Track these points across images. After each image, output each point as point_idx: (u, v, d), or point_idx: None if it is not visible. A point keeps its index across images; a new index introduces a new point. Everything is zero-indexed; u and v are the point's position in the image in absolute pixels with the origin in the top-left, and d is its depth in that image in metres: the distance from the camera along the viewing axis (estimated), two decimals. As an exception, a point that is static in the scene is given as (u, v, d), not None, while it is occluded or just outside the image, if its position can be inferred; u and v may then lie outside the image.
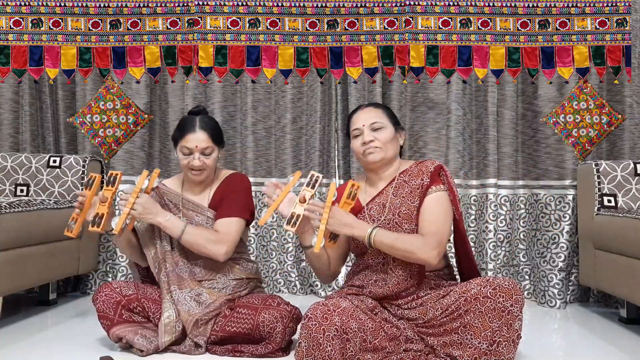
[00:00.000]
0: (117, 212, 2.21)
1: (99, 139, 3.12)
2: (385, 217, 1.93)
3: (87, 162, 2.89)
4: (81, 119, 3.12)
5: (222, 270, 2.12)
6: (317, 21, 3.12)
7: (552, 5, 3.05)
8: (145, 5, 3.13)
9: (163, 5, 3.13)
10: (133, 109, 3.12)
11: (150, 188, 2.06)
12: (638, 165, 2.67)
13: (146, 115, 3.14)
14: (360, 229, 1.84)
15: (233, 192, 2.14)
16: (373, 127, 1.99)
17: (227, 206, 2.10)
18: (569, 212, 2.92)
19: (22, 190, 2.85)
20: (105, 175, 2.04)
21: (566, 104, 3.02)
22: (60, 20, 3.15)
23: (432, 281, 1.94)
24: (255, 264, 2.25)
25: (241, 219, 2.12)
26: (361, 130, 1.99)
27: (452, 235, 2.03)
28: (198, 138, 2.08)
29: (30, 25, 3.15)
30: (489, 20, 3.09)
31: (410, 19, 3.09)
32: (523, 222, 3.04)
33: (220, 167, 2.30)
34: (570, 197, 2.94)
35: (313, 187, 1.90)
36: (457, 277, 2.09)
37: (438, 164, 1.97)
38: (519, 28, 3.07)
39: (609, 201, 2.64)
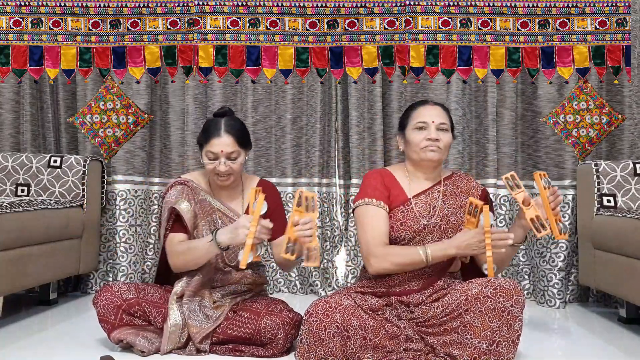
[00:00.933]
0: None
1: (99, 139, 3.12)
2: (434, 220, 1.96)
3: (87, 162, 2.89)
4: (81, 119, 3.13)
5: (235, 278, 2.09)
6: (317, 21, 3.13)
7: (552, 5, 3.06)
8: (145, 5, 3.14)
9: (163, 5, 3.13)
10: (133, 109, 3.13)
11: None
12: (637, 165, 2.67)
13: (146, 115, 3.14)
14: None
15: (278, 209, 2.06)
16: (440, 127, 1.99)
17: (280, 225, 1.98)
18: (569, 212, 2.93)
19: (22, 190, 2.86)
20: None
21: (566, 104, 3.03)
22: (60, 20, 3.15)
23: (446, 280, 1.96)
24: (264, 267, 2.23)
25: None
26: (428, 125, 1.98)
27: None
28: (223, 142, 1.99)
29: (30, 25, 3.15)
30: (489, 20, 3.09)
31: (410, 19, 3.09)
32: (523, 222, 3.04)
33: (248, 173, 2.19)
34: (569, 197, 2.94)
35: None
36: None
37: (484, 189, 2.04)
38: (519, 28, 3.08)
39: (609, 201, 2.64)
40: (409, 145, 2.01)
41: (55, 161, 2.88)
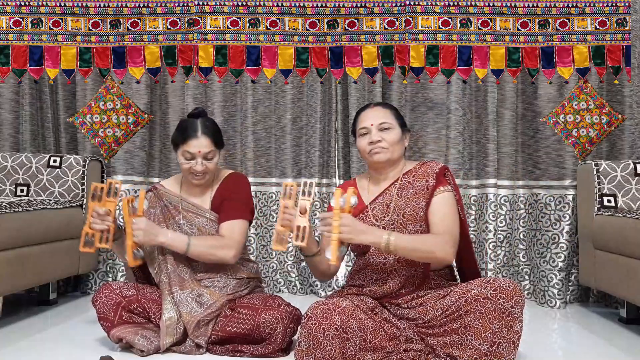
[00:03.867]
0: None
1: (99, 139, 3.12)
2: (390, 217, 1.94)
3: (87, 162, 2.89)
4: (81, 119, 3.12)
5: (223, 270, 2.12)
6: (317, 21, 3.12)
7: (552, 5, 3.05)
8: (145, 5, 3.13)
9: (163, 5, 3.13)
10: (133, 109, 3.12)
11: (141, 209, 2.01)
12: (638, 165, 2.67)
13: (146, 115, 3.14)
14: (374, 235, 1.81)
15: (234, 194, 2.14)
16: (381, 127, 1.99)
17: (230, 209, 2.10)
18: (569, 212, 2.93)
19: (22, 190, 2.85)
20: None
21: (566, 104, 3.02)
22: (60, 20, 3.15)
23: (432, 281, 1.94)
24: (255, 264, 2.25)
25: (245, 221, 2.12)
26: (369, 129, 1.99)
27: None
28: (201, 144, 2.06)
29: (30, 25, 3.15)
30: (489, 20, 3.09)
31: (410, 19, 3.09)
32: (523, 222, 3.04)
33: (219, 167, 2.29)
34: (570, 197, 2.94)
35: (309, 195, 1.87)
36: (457, 277, 2.10)
37: (443, 165, 1.98)
38: (519, 28, 3.07)
39: (609, 201, 2.64)
40: (360, 152, 2.05)
41: (54, 161, 2.88)
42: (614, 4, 3.04)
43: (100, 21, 3.14)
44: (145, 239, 1.98)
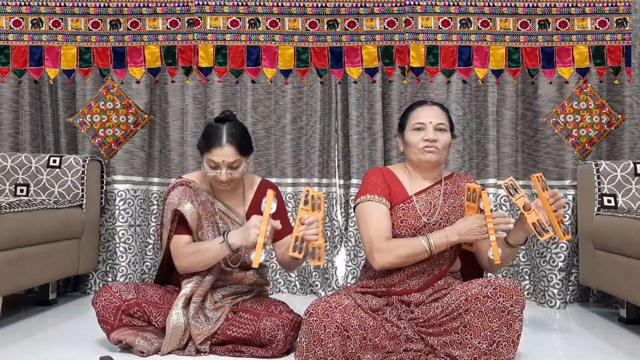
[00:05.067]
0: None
1: (99, 139, 3.12)
2: (434, 219, 1.96)
3: (87, 162, 2.88)
4: (81, 119, 3.12)
5: (236, 278, 2.09)
6: (317, 21, 3.12)
7: (552, 5, 3.05)
8: (145, 5, 3.13)
9: (163, 5, 3.13)
10: (133, 109, 3.12)
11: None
12: (638, 166, 2.67)
13: (146, 115, 3.14)
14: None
15: (280, 209, 2.03)
16: (438, 127, 1.98)
17: (285, 224, 2.00)
18: (569, 212, 2.92)
19: (22, 190, 2.85)
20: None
21: (566, 104, 3.02)
22: (60, 20, 3.15)
23: (446, 280, 1.95)
24: (267, 269, 2.22)
25: None
26: (425, 125, 1.98)
27: None
28: (225, 153, 1.96)
29: (30, 25, 3.15)
30: (489, 20, 3.09)
31: (410, 19, 3.09)
32: (523, 222, 3.04)
33: (246, 172, 2.14)
34: (570, 197, 2.94)
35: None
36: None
37: (482, 189, 1.98)
38: (519, 28, 3.07)
39: (609, 201, 2.63)
40: (408, 146, 2.01)
41: (54, 161, 2.88)
42: (614, 4, 3.04)
43: (100, 21, 3.14)
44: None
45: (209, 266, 2.00)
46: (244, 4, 3.13)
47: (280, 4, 3.12)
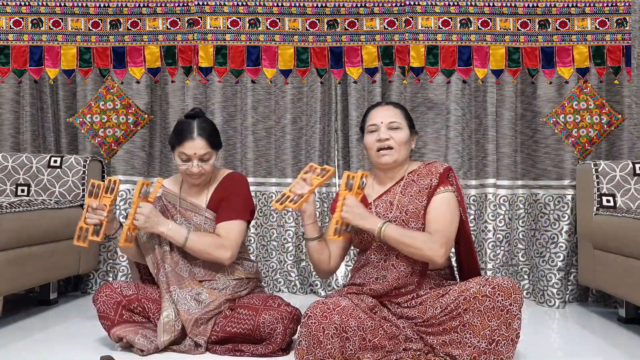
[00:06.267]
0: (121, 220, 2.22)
1: (99, 139, 3.12)
2: (393, 214, 1.94)
3: (87, 162, 2.89)
4: (81, 119, 3.13)
5: (222, 270, 2.12)
6: (317, 21, 3.13)
7: (552, 5, 3.06)
8: (145, 5, 3.14)
9: (163, 5, 3.14)
10: (133, 109, 3.13)
11: (154, 196, 2.06)
12: (637, 165, 2.67)
13: (146, 115, 3.15)
14: (371, 222, 1.87)
15: (232, 194, 2.14)
16: (390, 126, 1.99)
17: (228, 209, 2.10)
18: (568, 212, 2.93)
19: (22, 190, 2.86)
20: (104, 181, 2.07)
21: (566, 104, 3.03)
22: (60, 20, 3.16)
23: (432, 280, 1.94)
24: (255, 264, 2.25)
25: (242, 221, 2.12)
26: (378, 126, 1.99)
27: (457, 236, 2.03)
28: (196, 145, 2.05)
29: (30, 25, 3.15)
30: (489, 20, 3.09)
31: (410, 19, 3.09)
32: (522, 222, 3.04)
33: (218, 167, 2.28)
34: (569, 197, 2.94)
35: (322, 177, 1.95)
36: (457, 277, 2.10)
37: (447, 166, 1.99)
38: (519, 28, 3.08)
39: (608, 201, 2.64)
40: (367, 149, 2.04)
41: (55, 161, 2.89)
42: (614, 4, 3.04)
43: (100, 21, 3.15)
44: (146, 224, 1.99)
45: (136, 255, 2.15)
46: (244, 4, 3.13)
47: (280, 4, 3.12)
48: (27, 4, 3.15)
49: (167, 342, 1.96)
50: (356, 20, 3.11)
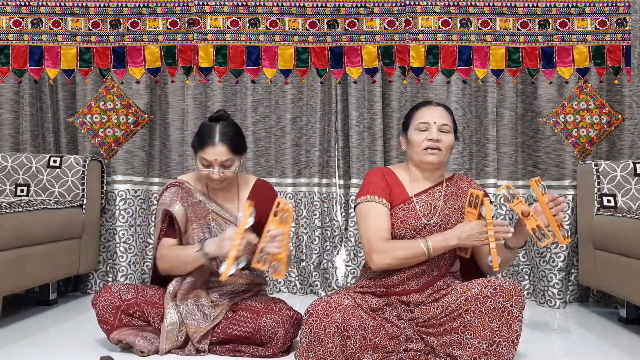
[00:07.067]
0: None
1: (99, 139, 3.12)
2: (435, 220, 1.96)
3: (87, 162, 2.89)
4: (81, 119, 3.13)
5: (232, 279, 2.08)
6: (317, 21, 3.13)
7: (552, 5, 3.05)
8: (145, 5, 3.14)
9: (163, 5, 3.13)
10: (133, 109, 3.12)
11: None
12: (637, 165, 2.67)
13: (146, 115, 3.14)
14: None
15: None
16: (441, 129, 1.98)
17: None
18: (569, 212, 2.93)
19: (22, 190, 2.85)
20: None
21: (566, 104, 3.02)
22: (60, 20, 3.15)
23: (445, 280, 1.95)
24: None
25: None
26: (430, 125, 1.98)
27: None
28: (217, 152, 1.97)
29: (30, 25, 3.15)
30: (489, 20, 3.09)
31: (410, 19, 3.09)
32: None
33: (241, 172, 2.16)
34: (569, 197, 2.94)
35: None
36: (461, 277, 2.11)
37: (484, 191, 1.98)
38: (519, 28, 3.07)
39: (609, 201, 2.64)
40: (411, 145, 2.01)
41: (54, 161, 2.88)
42: (614, 4, 3.04)
43: (100, 21, 3.14)
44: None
45: (186, 271, 2.01)
46: (244, 4, 3.13)
47: (280, 4, 3.12)
48: (27, 4, 3.15)
49: (167, 349, 1.95)
50: (356, 20, 3.11)
